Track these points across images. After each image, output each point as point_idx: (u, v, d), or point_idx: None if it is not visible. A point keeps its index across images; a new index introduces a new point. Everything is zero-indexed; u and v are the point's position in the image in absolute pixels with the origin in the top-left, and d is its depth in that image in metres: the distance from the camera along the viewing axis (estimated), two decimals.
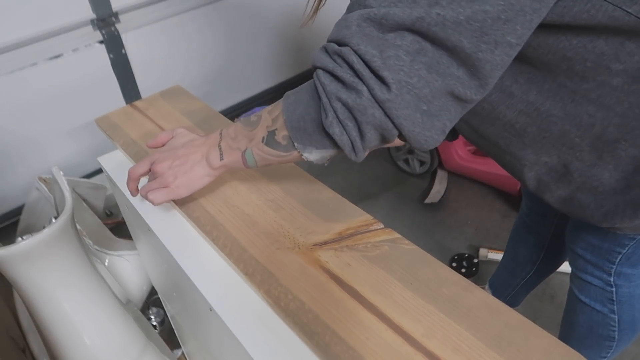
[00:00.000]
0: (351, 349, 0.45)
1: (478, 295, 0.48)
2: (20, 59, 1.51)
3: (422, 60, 0.43)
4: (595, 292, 0.81)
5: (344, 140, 0.48)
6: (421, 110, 0.45)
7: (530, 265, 1.09)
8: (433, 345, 0.44)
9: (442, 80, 0.44)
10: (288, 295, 0.51)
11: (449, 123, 0.47)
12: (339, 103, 0.46)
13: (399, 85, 0.43)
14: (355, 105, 0.45)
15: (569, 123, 0.54)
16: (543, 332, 0.45)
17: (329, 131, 0.47)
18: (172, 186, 0.59)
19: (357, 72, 0.44)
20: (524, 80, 0.53)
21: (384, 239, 0.56)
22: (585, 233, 0.76)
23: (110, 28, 1.67)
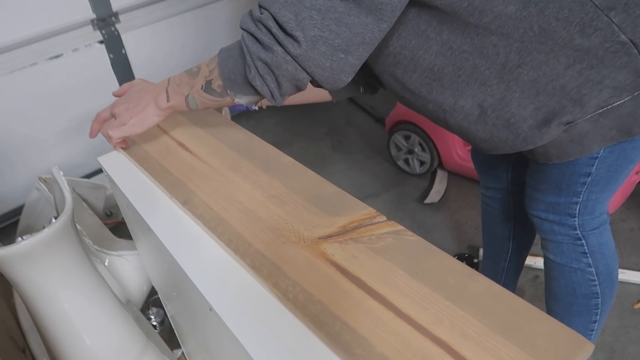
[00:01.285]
0: (361, 337, 0.46)
1: (483, 283, 0.49)
2: (20, 59, 1.51)
3: (332, 17, 0.54)
4: (568, 249, 0.85)
5: (265, 90, 0.59)
6: (336, 58, 0.56)
7: (506, 242, 1.11)
8: (441, 332, 0.45)
9: (349, 31, 0.54)
10: (296, 287, 0.51)
11: (359, 65, 0.59)
12: (259, 61, 0.57)
13: (312, 40, 0.54)
14: (272, 62, 0.56)
15: (478, 56, 0.62)
16: (547, 317, 0.45)
17: (252, 84, 0.59)
18: (128, 124, 0.70)
19: (273, 35, 0.55)
20: (435, 22, 0.62)
21: (388, 231, 0.57)
22: (541, 194, 0.81)
23: (110, 28, 1.67)
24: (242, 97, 0.63)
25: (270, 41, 0.56)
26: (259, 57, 0.57)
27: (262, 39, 0.56)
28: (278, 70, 0.57)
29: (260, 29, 0.57)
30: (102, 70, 1.71)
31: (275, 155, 0.73)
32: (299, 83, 0.59)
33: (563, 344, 0.43)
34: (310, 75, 0.57)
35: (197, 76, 0.66)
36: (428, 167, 1.79)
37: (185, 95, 0.67)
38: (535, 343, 0.43)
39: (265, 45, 0.56)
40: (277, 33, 0.55)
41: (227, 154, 0.74)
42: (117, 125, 0.70)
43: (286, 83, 0.58)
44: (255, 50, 0.57)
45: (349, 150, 2.05)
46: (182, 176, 0.70)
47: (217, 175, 0.69)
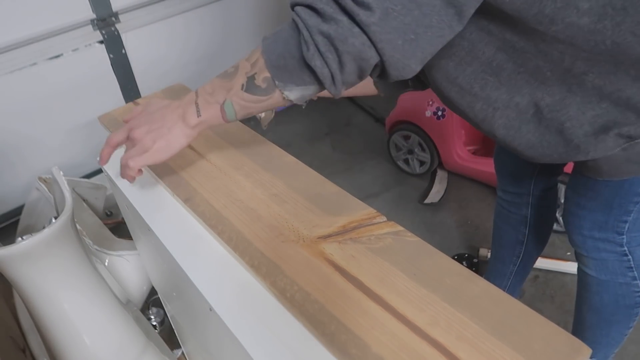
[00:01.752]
0: (357, 337, 0.46)
1: (480, 285, 0.49)
2: (20, 59, 1.51)
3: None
4: (614, 266, 0.82)
5: (325, 73, 0.50)
6: (407, 38, 0.48)
7: (518, 246, 1.10)
8: (437, 334, 0.45)
9: (419, 10, 0.47)
10: (294, 286, 0.51)
11: (429, 55, 0.51)
12: (319, 36, 0.48)
13: (385, 11, 0.46)
14: (337, 34, 0.48)
15: (541, 59, 0.58)
16: (545, 320, 0.45)
17: (311, 64, 0.50)
18: (152, 150, 0.58)
19: (339, 2, 0.47)
20: (499, 21, 0.56)
21: (387, 232, 0.57)
22: (588, 212, 0.78)
23: (110, 28, 1.67)
24: (294, 88, 0.53)
25: (333, 10, 0.47)
26: (320, 30, 0.48)
27: (323, 9, 0.48)
28: (343, 45, 0.48)
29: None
30: (102, 70, 1.71)
31: (277, 154, 0.73)
32: (364, 64, 0.50)
33: (560, 348, 0.43)
34: (380, 54, 0.49)
35: (234, 76, 0.56)
36: (428, 167, 1.79)
37: (221, 102, 0.57)
38: (532, 346, 0.43)
39: (328, 15, 0.48)
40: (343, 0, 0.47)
41: (230, 153, 0.74)
42: (139, 153, 0.59)
43: (350, 63, 0.50)
44: (314, 23, 0.48)
45: (349, 150, 2.05)
46: (184, 174, 0.70)
47: (219, 174, 0.70)
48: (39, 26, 1.52)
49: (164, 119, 0.59)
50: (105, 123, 0.84)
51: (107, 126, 0.84)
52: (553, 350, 0.42)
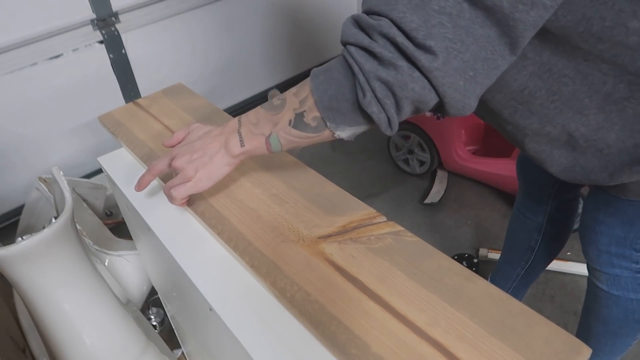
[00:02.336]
0: (357, 337, 0.46)
1: (480, 285, 0.49)
2: (20, 59, 1.51)
3: (462, 24, 0.43)
4: (627, 282, 0.81)
5: (382, 118, 0.48)
6: (467, 76, 0.45)
7: (529, 252, 1.10)
8: (437, 334, 0.45)
9: (476, 44, 0.44)
10: (294, 286, 0.51)
11: (484, 89, 0.48)
12: (377, 82, 0.46)
13: (447, 53, 0.43)
14: (396, 81, 0.45)
15: (580, 82, 0.55)
16: (545, 320, 0.45)
17: (367, 110, 0.48)
18: (194, 180, 0.59)
19: (399, 46, 0.44)
20: (537, 41, 0.53)
21: (387, 232, 0.57)
22: (607, 227, 0.76)
23: (110, 28, 1.67)
24: (346, 128, 0.52)
25: (392, 55, 0.44)
26: (378, 76, 0.45)
27: (382, 53, 0.45)
28: (402, 92, 0.46)
29: (377, 40, 0.45)
30: (102, 70, 1.71)
31: (277, 154, 0.73)
32: (423, 105, 0.48)
33: (560, 348, 0.43)
34: (441, 96, 0.46)
35: (281, 110, 0.54)
36: (428, 167, 1.79)
37: (267, 135, 0.55)
38: (533, 346, 0.43)
39: (386, 60, 0.45)
40: (403, 43, 0.44)
41: None
42: (181, 181, 0.59)
43: (408, 107, 0.48)
44: (371, 68, 0.46)
45: (349, 150, 2.05)
46: None
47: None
48: (39, 26, 1.52)
49: (206, 147, 0.59)
50: (106, 123, 0.84)
51: (107, 126, 0.84)
52: (553, 350, 0.42)
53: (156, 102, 0.88)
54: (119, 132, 0.81)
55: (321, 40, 2.56)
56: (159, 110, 0.86)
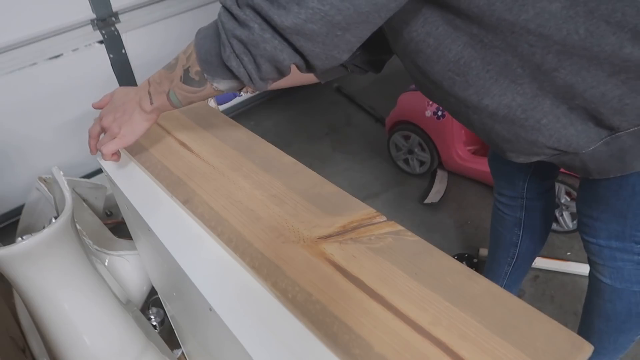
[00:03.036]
0: (359, 337, 0.45)
1: (482, 284, 0.49)
2: (20, 59, 1.51)
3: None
4: (630, 274, 0.82)
5: (242, 72, 0.53)
6: (334, 34, 0.48)
7: (512, 248, 1.11)
8: (439, 333, 0.45)
9: (353, 7, 0.47)
10: (295, 287, 0.51)
11: (356, 41, 0.51)
12: (234, 40, 0.51)
13: (309, 13, 0.47)
14: (250, 41, 0.50)
15: (511, 53, 0.56)
16: (546, 318, 0.45)
17: (227, 64, 0.52)
18: (119, 136, 0.66)
19: (255, 8, 0.48)
20: (465, 15, 0.55)
21: (388, 231, 0.57)
22: (602, 223, 0.78)
23: (110, 28, 1.67)
24: (221, 82, 0.56)
25: (246, 17, 0.49)
26: (235, 34, 0.50)
27: (238, 15, 0.50)
28: (255, 50, 0.50)
29: (239, 2, 0.50)
30: (102, 71, 1.71)
31: (276, 155, 0.73)
32: (280, 65, 0.52)
33: (562, 345, 0.43)
34: (299, 52, 0.50)
35: (175, 68, 0.60)
36: (428, 167, 1.79)
37: (167, 92, 0.62)
38: (535, 344, 0.43)
39: (241, 21, 0.49)
40: (260, 4, 0.48)
41: (228, 153, 0.74)
42: (108, 139, 0.67)
43: (265, 64, 0.52)
44: (230, 27, 0.51)
45: (349, 150, 2.05)
46: (183, 175, 0.70)
47: (218, 175, 0.69)
48: (39, 26, 1.52)
49: (125, 106, 0.66)
50: None
51: None
52: (555, 347, 0.42)
53: None
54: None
55: None
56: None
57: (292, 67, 0.54)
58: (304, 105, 2.47)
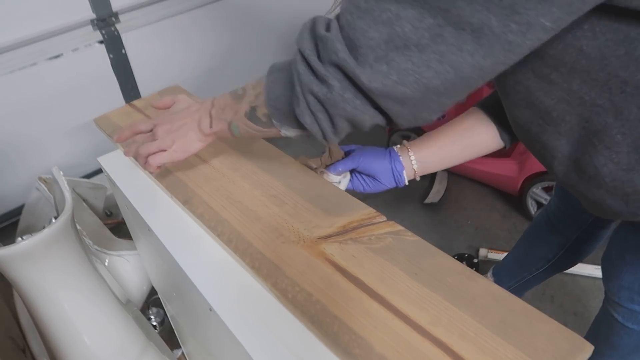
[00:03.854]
0: (360, 337, 0.46)
1: (482, 284, 0.49)
2: (20, 59, 1.51)
3: (436, 50, 0.39)
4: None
5: (315, 129, 0.49)
6: (428, 98, 0.43)
7: (544, 262, 1.09)
8: (439, 333, 0.45)
9: (454, 71, 0.40)
10: (295, 287, 0.51)
11: (450, 103, 0.45)
12: (310, 95, 0.46)
13: (402, 74, 0.41)
14: (327, 99, 0.45)
15: (613, 116, 0.48)
16: (547, 318, 0.45)
17: (300, 120, 0.48)
18: (170, 150, 0.63)
19: (338, 63, 0.42)
20: (566, 69, 0.47)
21: (388, 231, 0.57)
22: (633, 267, 0.74)
23: (110, 28, 1.67)
24: (290, 129, 0.53)
25: (327, 73, 0.43)
26: (311, 90, 0.45)
27: (317, 69, 0.44)
28: (333, 109, 0.45)
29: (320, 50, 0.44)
30: (102, 70, 1.71)
31: (276, 155, 0.73)
32: (359, 124, 0.48)
33: (562, 345, 0.43)
34: (384, 112, 0.45)
35: (241, 100, 0.56)
36: None
37: (229, 122, 0.58)
38: (535, 344, 0.43)
39: (320, 76, 0.44)
40: (345, 60, 0.42)
41: (228, 153, 0.74)
42: (157, 148, 0.63)
43: (343, 123, 0.47)
44: (306, 81, 0.45)
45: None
46: (182, 175, 0.70)
47: (218, 175, 0.70)
48: (39, 26, 1.52)
49: (184, 121, 0.63)
50: (102, 125, 0.84)
51: (102, 128, 0.83)
52: (555, 347, 0.42)
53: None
54: (115, 134, 0.81)
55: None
56: (154, 112, 0.85)
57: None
58: None
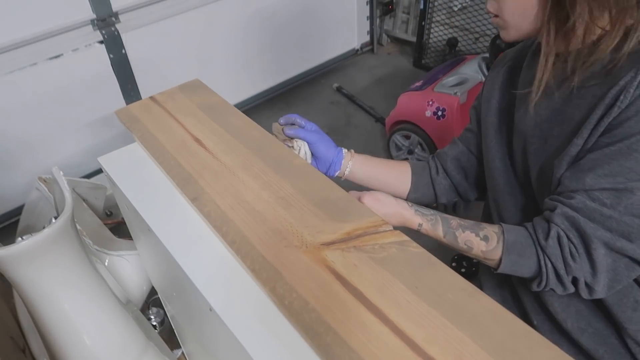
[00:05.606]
0: (352, 351, 0.45)
1: (483, 302, 0.48)
2: (20, 59, 1.51)
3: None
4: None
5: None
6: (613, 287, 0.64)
7: None
8: (434, 352, 0.43)
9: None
10: (292, 293, 0.50)
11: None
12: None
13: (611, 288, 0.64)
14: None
15: None
16: (548, 343, 0.44)
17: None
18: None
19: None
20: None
21: (392, 241, 0.55)
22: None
23: (110, 28, 1.67)
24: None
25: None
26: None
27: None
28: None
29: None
30: (102, 70, 1.71)
31: (288, 156, 0.72)
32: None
33: None
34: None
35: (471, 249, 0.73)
36: None
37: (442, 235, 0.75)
38: None
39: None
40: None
41: (241, 152, 0.73)
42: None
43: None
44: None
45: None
46: (194, 172, 0.69)
47: (228, 173, 0.69)
48: (39, 26, 1.52)
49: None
50: (122, 117, 0.84)
51: (122, 120, 0.83)
52: None
53: (172, 97, 0.88)
54: (134, 127, 0.81)
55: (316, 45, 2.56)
56: (174, 107, 0.86)
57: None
58: (304, 105, 2.47)
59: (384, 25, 3.24)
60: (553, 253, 0.64)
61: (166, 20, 1.81)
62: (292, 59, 2.42)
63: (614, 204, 0.60)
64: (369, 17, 2.86)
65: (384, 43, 3.28)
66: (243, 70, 2.21)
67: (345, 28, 2.72)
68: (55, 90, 1.63)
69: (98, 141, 1.78)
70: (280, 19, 2.21)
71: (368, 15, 2.84)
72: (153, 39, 1.81)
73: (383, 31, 3.26)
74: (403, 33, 3.18)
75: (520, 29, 0.71)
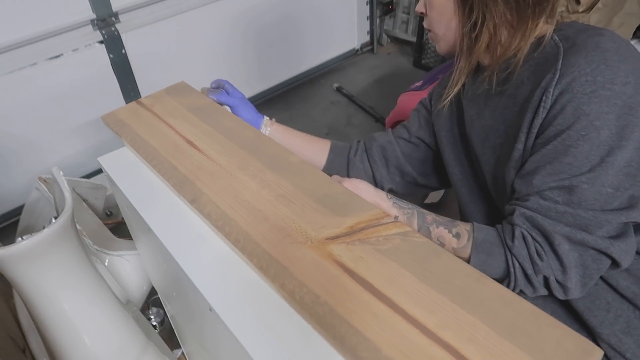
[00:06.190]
0: (367, 340, 0.45)
1: (490, 287, 0.49)
2: (20, 59, 1.51)
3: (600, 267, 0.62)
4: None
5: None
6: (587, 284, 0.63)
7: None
8: (448, 336, 0.44)
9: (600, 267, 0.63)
10: (303, 288, 0.51)
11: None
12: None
13: (586, 285, 0.63)
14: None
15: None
16: (556, 322, 0.45)
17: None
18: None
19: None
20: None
21: (395, 232, 0.56)
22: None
23: (110, 28, 1.67)
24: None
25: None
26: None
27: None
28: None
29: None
30: (102, 70, 1.71)
31: (284, 154, 0.72)
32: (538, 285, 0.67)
33: (571, 350, 0.42)
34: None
35: (444, 242, 0.71)
36: None
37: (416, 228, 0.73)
38: (543, 348, 0.42)
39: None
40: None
41: (236, 152, 0.73)
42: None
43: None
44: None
45: None
46: (190, 174, 0.70)
47: (225, 174, 0.69)
48: (39, 26, 1.52)
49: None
50: (109, 122, 0.84)
51: (110, 126, 0.83)
52: (564, 351, 0.42)
53: (159, 101, 0.88)
54: (122, 131, 0.81)
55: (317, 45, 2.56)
56: (162, 109, 0.85)
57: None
58: (304, 105, 2.48)
59: (384, 25, 3.25)
60: (520, 253, 0.64)
61: (166, 20, 1.81)
62: (292, 58, 2.42)
63: (565, 200, 0.61)
64: (369, 17, 2.86)
65: (384, 43, 3.28)
66: (243, 70, 2.22)
67: (345, 28, 2.72)
68: (55, 90, 1.63)
69: (98, 141, 1.78)
70: (280, 19, 2.21)
71: (368, 15, 2.84)
72: (153, 39, 1.81)
73: (383, 31, 3.26)
74: (403, 33, 3.19)
75: (449, 41, 0.74)
